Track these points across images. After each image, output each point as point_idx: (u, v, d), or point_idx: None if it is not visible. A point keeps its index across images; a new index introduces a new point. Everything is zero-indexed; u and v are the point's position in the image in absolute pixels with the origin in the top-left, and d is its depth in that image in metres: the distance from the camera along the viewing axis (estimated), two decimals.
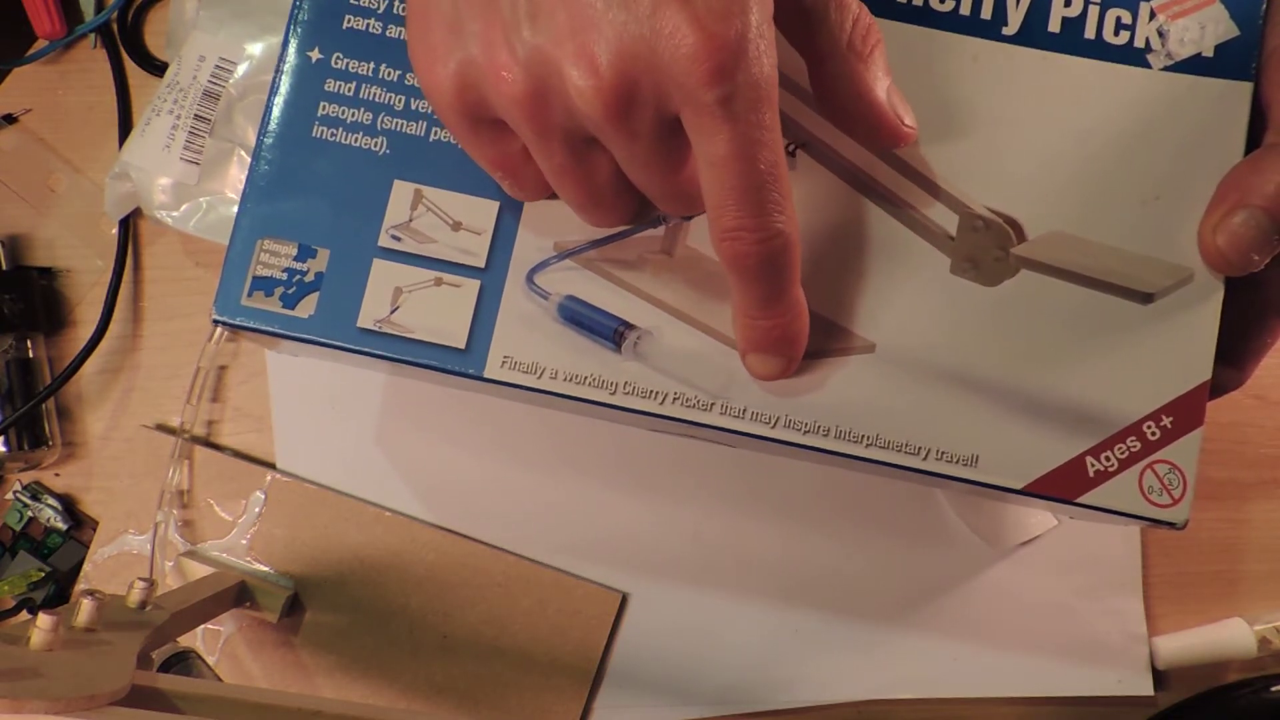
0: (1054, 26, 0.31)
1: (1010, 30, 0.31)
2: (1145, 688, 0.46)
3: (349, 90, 0.31)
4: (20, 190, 0.47)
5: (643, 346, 0.30)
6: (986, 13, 0.31)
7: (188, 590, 0.40)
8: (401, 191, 0.31)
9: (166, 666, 0.40)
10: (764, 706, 0.45)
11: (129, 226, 0.46)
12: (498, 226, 0.31)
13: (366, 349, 0.30)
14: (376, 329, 0.30)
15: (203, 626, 0.45)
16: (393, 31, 0.31)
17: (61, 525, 0.46)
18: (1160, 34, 0.31)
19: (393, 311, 0.30)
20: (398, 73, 0.31)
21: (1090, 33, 0.31)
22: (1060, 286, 0.31)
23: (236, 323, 0.31)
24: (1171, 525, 0.30)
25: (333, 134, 0.31)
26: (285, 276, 0.30)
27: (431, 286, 0.31)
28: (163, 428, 0.46)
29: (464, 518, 0.46)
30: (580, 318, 0.30)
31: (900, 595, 0.46)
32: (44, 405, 0.46)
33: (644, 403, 0.30)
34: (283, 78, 0.31)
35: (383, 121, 0.31)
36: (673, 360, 0.30)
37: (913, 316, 0.31)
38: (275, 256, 0.31)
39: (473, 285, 0.31)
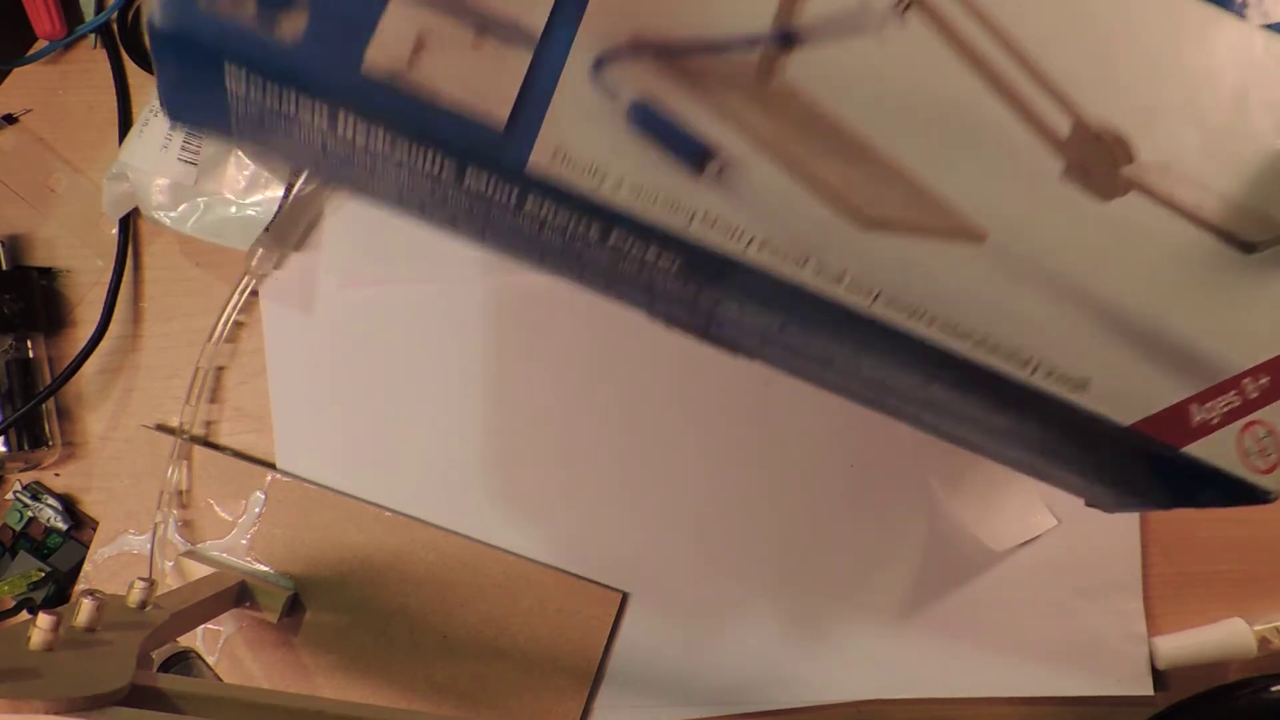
0: None
1: None
2: (1145, 688, 0.46)
3: None
4: (20, 190, 0.47)
5: (729, 176, 0.25)
6: None
7: (188, 590, 0.40)
8: None
9: (166, 666, 0.40)
10: (764, 706, 0.45)
11: (129, 226, 0.46)
12: None
13: (371, 107, 0.23)
14: (388, 81, 0.23)
15: (203, 626, 0.45)
16: None
17: (61, 525, 0.46)
18: None
19: (413, 59, 0.23)
20: None
21: None
22: (1170, 218, 0.29)
23: (180, 32, 0.22)
24: (1265, 496, 0.28)
25: None
26: None
27: (471, 35, 0.23)
28: (163, 428, 0.46)
29: (464, 518, 0.46)
30: (658, 126, 0.25)
31: (900, 595, 0.46)
32: (44, 405, 0.46)
33: (724, 241, 0.25)
34: None
35: None
36: (762, 200, 0.26)
37: (1024, 214, 0.28)
38: None
39: (523, 55, 0.24)
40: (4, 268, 0.46)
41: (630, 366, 0.46)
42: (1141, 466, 0.30)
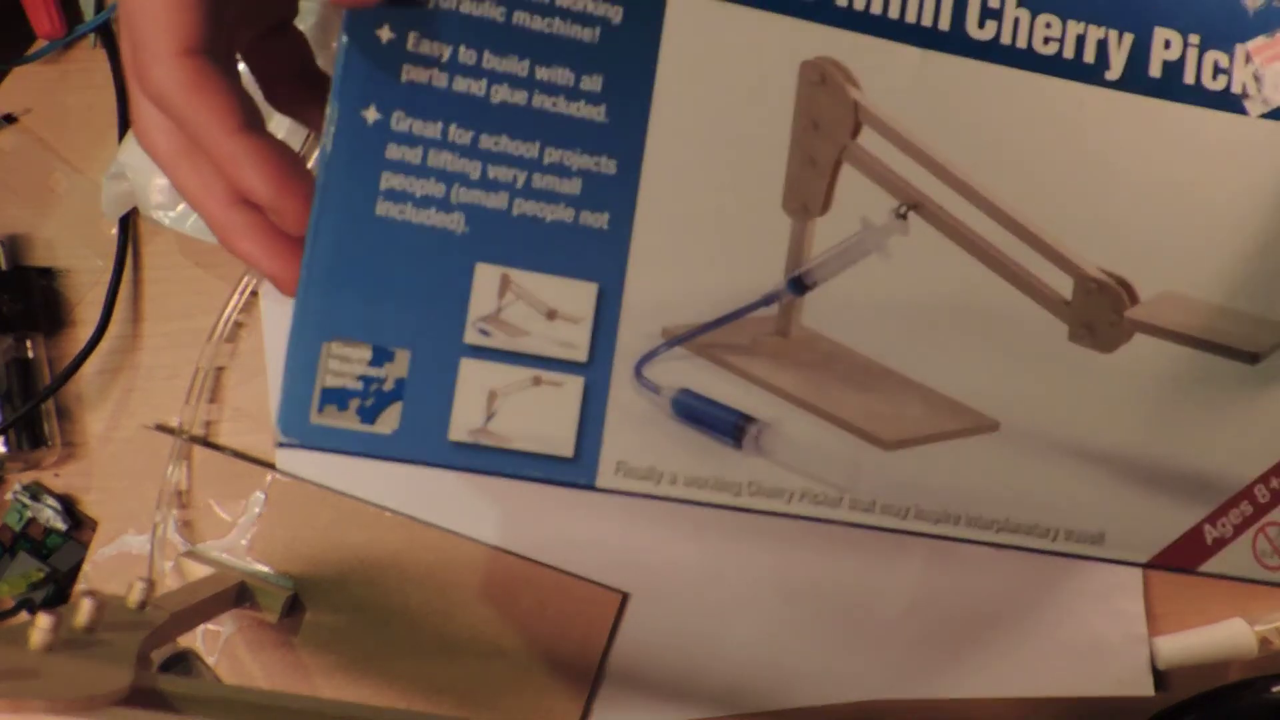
0: (1155, 71, 0.31)
1: (1113, 75, 0.31)
2: (1145, 688, 0.46)
3: (416, 158, 0.27)
4: (20, 190, 0.47)
5: (765, 441, 0.28)
6: (1090, 56, 0.30)
7: (188, 590, 0.40)
8: (486, 276, 0.27)
9: (166, 666, 0.40)
10: (764, 706, 0.45)
11: (128, 226, 0.46)
12: (598, 312, 0.27)
13: (463, 465, 0.27)
14: (472, 441, 0.27)
15: (203, 626, 0.45)
16: (460, 84, 0.27)
17: (61, 525, 0.46)
18: (1256, 78, 0.31)
19: (488, 419, 0.27)
20: (470, 134, 0.27)
21: (1189, 78, 0.31)
22: (1172, 349, 0.30)
23: (308, 445, 0.26)
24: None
25: (400, 211, 0.27)
26: (361, 386, 0.26)
27: (530, 387, 0.27)
28: (162, 428, 0.46)
29: (464, 518, 0.46)
30: (697, 413, 0.28)
31: (901, 595, 0.46)
32: (44, 405, 0.46)
33: (771, 503, 0.28)
34: (333, 141, 0.27)
35: (457, 194, 0.27)
36: (796, 453, 0.28)
37: (1034, 390, 0.30)
38: (346, 362, 0.26)
39: (576, 382, 0.27)
40: (4, 268, 0.46)
41: None
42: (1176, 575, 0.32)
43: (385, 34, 0.27)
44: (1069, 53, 0.30)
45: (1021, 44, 0.30)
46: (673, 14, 0.28)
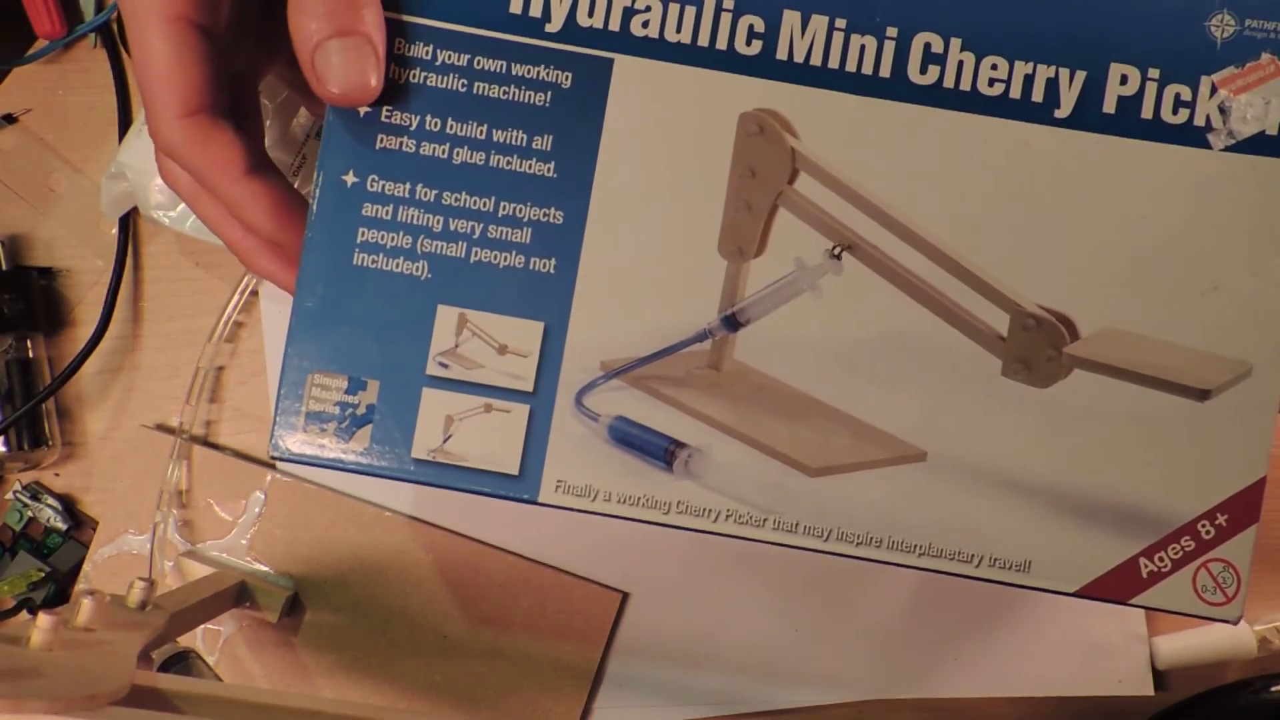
0: (1109, 107, 0.30)
1: (1063, 113, 0.30)
2: (1145, 688, 0.46)
3: (387, 214, 0.30)
4: (20, 190, 0.47)
5: (694, 465, 0.30)
6: (1038, 95, 0.30)
7: (188, 590, 0.40)
8: (446, 316, 0.30)
9: (166, 666, 0.41)
10: (764, 706, 0.46)
11: (128, 226, 0.46)
12: (544, 348, 0.30)
13: (422, 479, 0.30)
14: (431, 459, 0.30)
15: (203, 626, 0.45)
16: (426, 149, 0.30)
17: (61, 525, 0.46)
18: (1222, 110, 0.30)
19: (445, 440, 0.30)
20: (434, 192, 0.30)
21: (1147, 112, 0.30)
22: (1114, 385, 0.30)
23: (294, 458, 0.30)
24: (1225, 622, 0.31)
25: (374, 260, 0.30)
26: (338, 410, 0.30)
27: (482, 413, 0.30)
28: (162, 428, 0.46)
29: (464, 518, 0.46)
30: (630, 438, 0.30)
31: (901, 595, 0.46)
32: (44, 405, 0.46)
33: (697, 521, 0.31)
34: (318, 203, 0.30)
35: (422, 244, 0.30)
36: (724, 477, 0.30)
37: (963, 422, 0.30)
38: (326, 391, 0.30)
39: (522, 410, 0.30)
40: (4, 268, 0.46)
41: None
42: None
43: (363, 109, 0.30)
44: (1015, 93, 0.30)
45: (965, 86, 0.30)
46: (618, 76, 0.30)
